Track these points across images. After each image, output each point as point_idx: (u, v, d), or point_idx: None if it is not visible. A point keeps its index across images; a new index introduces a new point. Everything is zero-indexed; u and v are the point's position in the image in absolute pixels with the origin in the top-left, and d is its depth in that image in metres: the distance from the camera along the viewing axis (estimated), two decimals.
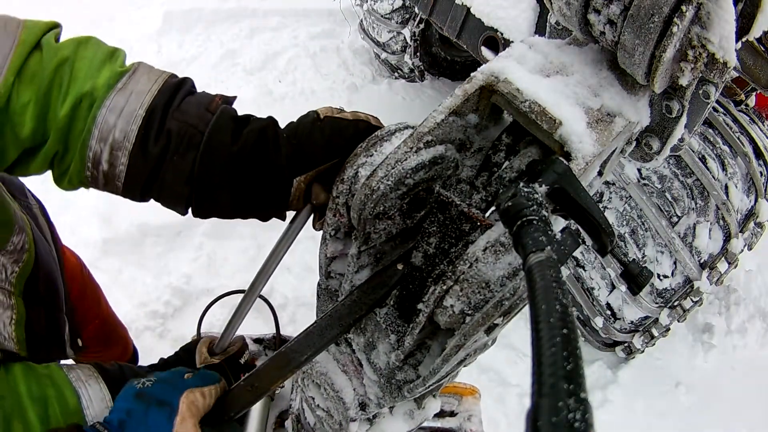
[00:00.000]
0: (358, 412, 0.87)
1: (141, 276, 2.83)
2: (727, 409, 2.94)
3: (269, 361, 0.76)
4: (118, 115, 0.72)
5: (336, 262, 0.83)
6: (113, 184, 0.77)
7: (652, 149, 0.82)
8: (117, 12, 4.72)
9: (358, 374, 0.86)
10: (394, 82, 4.26)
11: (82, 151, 0.73)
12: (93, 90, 0.71)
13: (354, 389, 0.88)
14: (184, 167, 0.74)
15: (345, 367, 0.88)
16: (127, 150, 0.73)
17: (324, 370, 0.89)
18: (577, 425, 0.27)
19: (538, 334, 0.33)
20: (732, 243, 2.41)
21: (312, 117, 0.80)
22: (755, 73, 2.05)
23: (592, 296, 2.73)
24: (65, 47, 0.73)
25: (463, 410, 1.41)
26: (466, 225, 0.67)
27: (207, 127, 0.74)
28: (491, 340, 0.78)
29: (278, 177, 0.77)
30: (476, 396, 1.45)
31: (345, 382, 0.88)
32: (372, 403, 0.85)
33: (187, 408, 0.73)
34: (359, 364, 0.84)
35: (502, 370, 2.80)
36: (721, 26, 0.62)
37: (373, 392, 0.83)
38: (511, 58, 0.70)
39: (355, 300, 0.75)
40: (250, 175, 0.76)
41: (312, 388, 0.94)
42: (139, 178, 0.75)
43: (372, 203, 0.65)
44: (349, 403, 0.87)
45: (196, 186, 0.75)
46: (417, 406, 0.93)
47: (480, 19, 2.75)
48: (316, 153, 0.77)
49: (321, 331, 0.74)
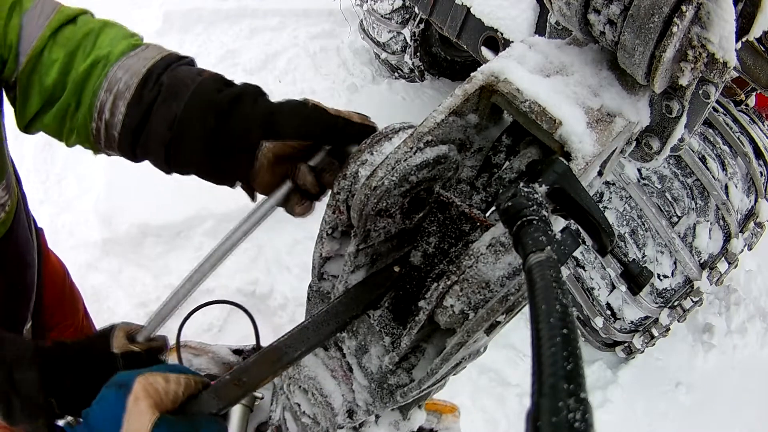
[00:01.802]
0: (345, 419, 0.85)
1: (141, 276, 2.83)
2: (727, 409, 2.94)
3: (260, 355, 0.71)
4: (125, 71, 0.84)
5: (330, 263, 0.83)
6: (111, 135, 0.85)
7: (652, 149, 0.82)
8: (117, 12, 4.70)
9: (348, 380, 0.84)
10: (394, 82, 4.26)
11: (92, 102, 0.84)
12: (110, 54, 0.85)
13: (343, 395, 0.85)
14: (170, 114, 0.82)
15: (334, 372, 0.86)
16: (126, 100, 0.83)
17: (312, 375, 0.87)
18: (577, 425, 0.27)
19: (538, 334, 0.33)
20: (732, 243, 2.41)
21: (300, 100, 0.85)
22: (755, 73, 2.05)
23: (592, 296, 2.74)
24: (95, 23, 0.88)
25: (442, 428, 1.41)
26: (466, 225, 0.67)
27: (194, 83, 0.83)
28: (484, 346, 0.78)
29: (247, 134, 0.81)
30: (456, 414, 1.44)
31: (334, 387, 0.86)
32: (360, 410, 0.83)
33: (142, 388, 0.67)
34: (349, 369, 0.83)
35: (502, 370, 2.80)
36: (721, 26, 0.62)
37: (362, 398, 0.82)
38: (511, 58, 0.70)
39: (352, 297, 0.74)
40: (223, 128, 0.82)
41: (298, 394, 0.92)
42: (133, 125, 0.84)
43: (375, 198, 0.65)
44: (338, 409, 0.85)
45: (175, 131, 0.82)
46: (402, 417, 0.92)
47: (480, 19, 2.75)
48: (289, 126, 0.81)
49: (316, 326, 0.71)
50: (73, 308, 1.68)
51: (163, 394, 0.68)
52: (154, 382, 0.68)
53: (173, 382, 0.70)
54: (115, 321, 0.97)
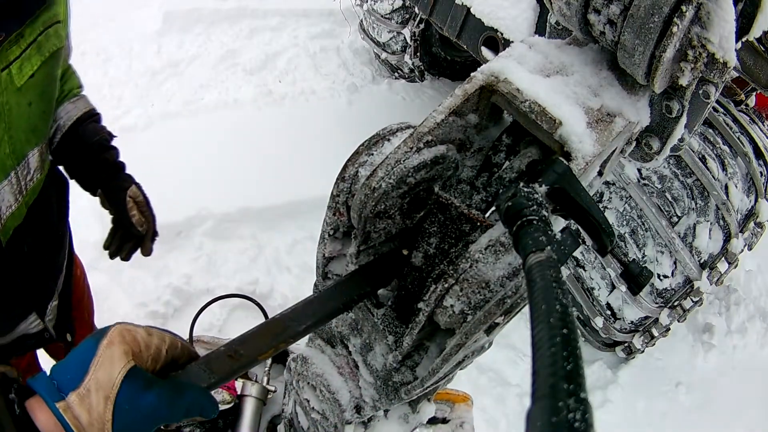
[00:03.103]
0: (353, 415, 0.85)
1: (141, 276, 2.83)
2: (727, 409, 2.94)
3: (260, 327, 0.63)
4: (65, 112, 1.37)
5: (333, 263, 0.83)
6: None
7: (652, 149, 0.82)
8: (117, 12, 4.73)
9: (354, 376, 0.85)
10: (394, 82, 4.26)
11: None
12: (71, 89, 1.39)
13: (350, 391, 0.85)
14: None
15: (341, 369, 0.87)
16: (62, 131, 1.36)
17: (320, 372, 0.87)
18: (577, 425, 0.27)
19: (538, 334, 0.33)
20: (732, 243, 2.41)
21: (123, 186, 1.42)
22: (755, 73, 2.05)
23: (592, 296, 2.73)
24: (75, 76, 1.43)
25: (455, 417, 1.41)
26: (467, 225, 0.67)
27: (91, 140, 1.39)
28: (488, 343, 0.78)
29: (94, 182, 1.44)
30: (468, 403, 1.44)
31: (341, 383, 0.86)
32: (368, 405, 0.83)
33: (118, 333, 0.58)
34: (355, 366, 0.83)
35: (502, 370, 2.80)
36: (721, 26, 0.62)
37: (369, 394, 0.82)
38: (511, 58, 0.70)
39: (360, 275, 0.72)
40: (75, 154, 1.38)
41: (307, 390, 0.92)
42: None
43: (373, 201, 0.65)
44: (345, 405, 0.85)
45: (54, 152, 1.34)
46: (412, 410, 0.92)
47: (480, 19, 2.75)
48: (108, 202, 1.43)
49: (323, 301, 0.66)
50: (89, 311, 1.77)
51: (143, 345, 0.59)
52: (134, 331, 0.60)
53: (156, 336, 0.62)
54: (115, 321, 0.98)
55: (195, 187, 3.16)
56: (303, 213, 3.19)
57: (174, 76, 4.17)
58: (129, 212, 1.40)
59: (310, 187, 3.11)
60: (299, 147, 3.54)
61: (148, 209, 1.48)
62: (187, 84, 4.10)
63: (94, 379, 0.55)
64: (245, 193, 3.18)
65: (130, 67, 4.17)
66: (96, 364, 0.56)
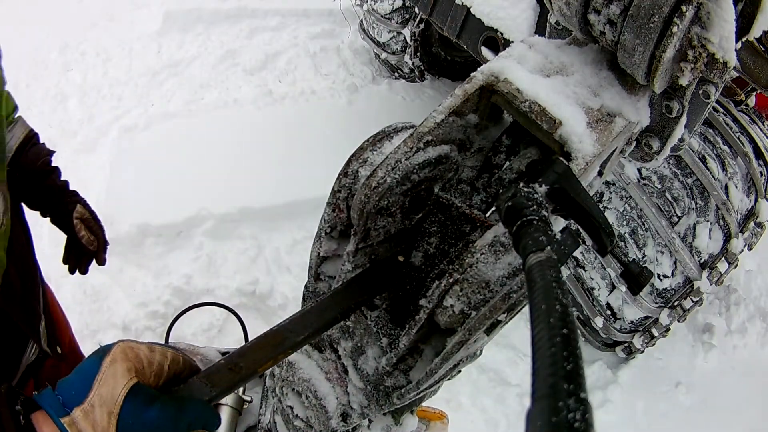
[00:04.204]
0: (339, 423, 0.83)
1: (141, 276, 2.83)
2: (727, 409, 2.94)
3: (258, 339, 0.64)
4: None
5: (327, 264, 0.82)
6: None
7: (652, 149, 0.82)
8: (117, 12, 4.73)
9: (342, 382, 0.83)
10: (394, 82, 4.26)
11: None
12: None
13: (337, 397, 0.83)
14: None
15: (329, 375, 0.85)
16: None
17: (307, 377, 0.85)
18: (577, 425, 0.27)
19: (538, 334, 0.33)
20: (732, 243, 2.41)
21: (68, 211, 1.49)
22: (755, 73, 2.05)
23: (592, 296, 2.74)
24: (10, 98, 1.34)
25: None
26: (467, 225, 0.67)
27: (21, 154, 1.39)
28: (480, 350, 0.78)
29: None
30: (444, 421, 1.43)
31: (328, 389, 0.84)
32: (355, 412, 0.82)
33: (120, 351, 0.59)
34: (344, 371, 0.82)
35: (502, 370, 2.80)
36: (721, 26, 0.62)
37: (357, 401, 0.81)
38: (511, 58, 0.70)
39: (356, 283, 0.72)
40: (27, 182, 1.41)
41: (291, 397, 0.90)
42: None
43: (377, 196, 0.65)
44: (332, 412, 0.83)
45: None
46: (395, 422, 0.91)
47: (480, 19, 2.75)
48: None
49: (320, 311, 0.67)
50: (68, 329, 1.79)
51: (145, 362, 0.61)
52: (136, 348, 0.61)
53: (159, 353, 0.63)
54: (115, 321, 0.98)
55: (195, 187, 3.16)
56: (303, 213, 3.19)
57: (174, 76, 4.17)
58: (78, 234, 1.48)
59: (310, 187, 3.11)
60: (299, 147, 3.54)
61: (96, 223, 1.58)
62: (187, 84, 4.10)
63: (97, 395, 0.56)
64: (245, 193, 3.18)
65: (130, 67, 4.17)
66: (99, 381, 0.57)
